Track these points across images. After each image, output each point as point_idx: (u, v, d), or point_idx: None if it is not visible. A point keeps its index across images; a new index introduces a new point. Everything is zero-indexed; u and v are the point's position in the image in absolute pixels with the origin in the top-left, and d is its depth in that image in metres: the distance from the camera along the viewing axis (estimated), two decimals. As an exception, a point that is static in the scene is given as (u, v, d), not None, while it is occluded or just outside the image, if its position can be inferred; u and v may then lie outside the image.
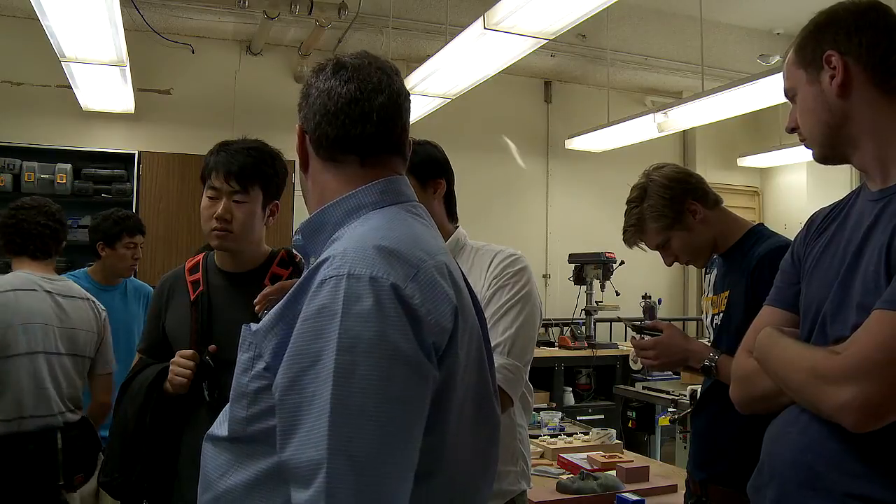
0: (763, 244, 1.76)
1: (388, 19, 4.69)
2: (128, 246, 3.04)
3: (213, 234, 1.71)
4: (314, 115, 1.04)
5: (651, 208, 1.86)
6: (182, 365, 1.66)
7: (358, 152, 1.03)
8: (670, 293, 6.64)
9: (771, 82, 3.67)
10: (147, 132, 5.17)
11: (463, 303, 0.96)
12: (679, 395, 3.72)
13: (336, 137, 1.03)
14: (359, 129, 1.02)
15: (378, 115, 1.02)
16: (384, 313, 0.84)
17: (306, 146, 1.07)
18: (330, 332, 0.83)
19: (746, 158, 6.19)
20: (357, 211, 1.01)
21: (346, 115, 1.02)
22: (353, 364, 0.81)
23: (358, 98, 1.02)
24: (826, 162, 1.23)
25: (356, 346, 0.82)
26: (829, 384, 1.01)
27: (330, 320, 0.83)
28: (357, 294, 0.84)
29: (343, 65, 1.05)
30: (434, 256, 0.95)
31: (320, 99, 1.04)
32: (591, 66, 5.92)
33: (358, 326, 0.83)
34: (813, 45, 1.18)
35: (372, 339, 0.82)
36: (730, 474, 1.76)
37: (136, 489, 1.70)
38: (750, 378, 1.22)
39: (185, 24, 5.09)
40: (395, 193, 1.04)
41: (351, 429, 0.80)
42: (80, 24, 3.17)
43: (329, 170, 1.05)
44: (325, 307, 0.85)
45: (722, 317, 1.84)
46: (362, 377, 0.81)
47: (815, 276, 1.19)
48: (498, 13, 3.08)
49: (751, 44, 5.95)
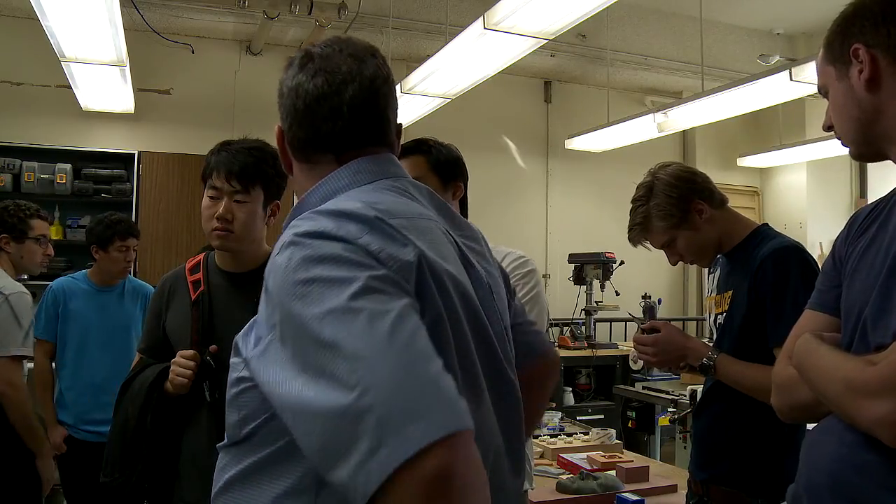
0: (767, 244, 1.75)
1: (388, 19, 4.70)
2: (120, 249, 3.04)
3: (214, 234, 1.71)
4: (286, 115, 0.98)
5: (657, 207, 1.86)
6: (183, 365, 1.66)
7: (332, 150, 0.96)
8: (670, 293, 6.64)
9: (771, 82, 3.67)
10: (147, 132, 5.17)
11: (444, 253, 0.88)
12: (679, 395, 3.72)
13: (307, 139, 0.96)
14: (330, 127, 0.95)
15: (350, 109, 0.94)
16: (336, 253, 0.77)
17: (285, 148, 1.01)
18: (284, 294, 0.76)
19: (746, 158, 6.19)
20: (331, 197, 0.93)
21: (315, 113, 0.95)
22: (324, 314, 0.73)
23: (326, 93, 0.94)
24: (863, 160, 1.18)
25: (311, 292, 0.74)
26: (865, 397, 0.96)
27: (283, 283, 0.77)
28: (308, 245, 0.78)
29: (310, 56, 0.97)
30: (395, 216, 0.86)
31: (289, 98, 0.97)
32: (591, 66, 5.93)
33: (314, 269, 0.76)
34: (840, 40, 1.12)
35: (329, 274, 0.75)
36: (731, 474, 1.77)
37: (136, 489, 1.70)
38: (791, 386, 1.17)
39: (185, 24, 5.09)
40: (372, 172, 0.96)
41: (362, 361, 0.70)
42: (80, 24, 3.18)
43: (305, 171, 0.99)
44: (276, 273, 0.79)
45: (725, 316, 1.84)
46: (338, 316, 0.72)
47: (856, 279, 1.13)
48: (498, 13, 3.09)
49: (751, 44, 5.96)
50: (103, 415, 2.88)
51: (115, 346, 3.02)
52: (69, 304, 3.05)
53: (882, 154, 1.14)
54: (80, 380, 3.02)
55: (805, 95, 4.18)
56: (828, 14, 1.21)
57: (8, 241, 2.74)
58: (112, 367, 2.96)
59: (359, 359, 0.69)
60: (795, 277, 1.66)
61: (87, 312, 3.05)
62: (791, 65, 3.75)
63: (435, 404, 0.67)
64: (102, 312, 3.07)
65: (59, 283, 3.12)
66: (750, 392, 1.70)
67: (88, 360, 3.02)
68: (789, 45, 6.18)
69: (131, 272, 3.32)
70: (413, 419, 0.65)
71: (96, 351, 3.02)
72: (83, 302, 3.06)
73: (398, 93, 4.31)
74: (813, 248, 6.18)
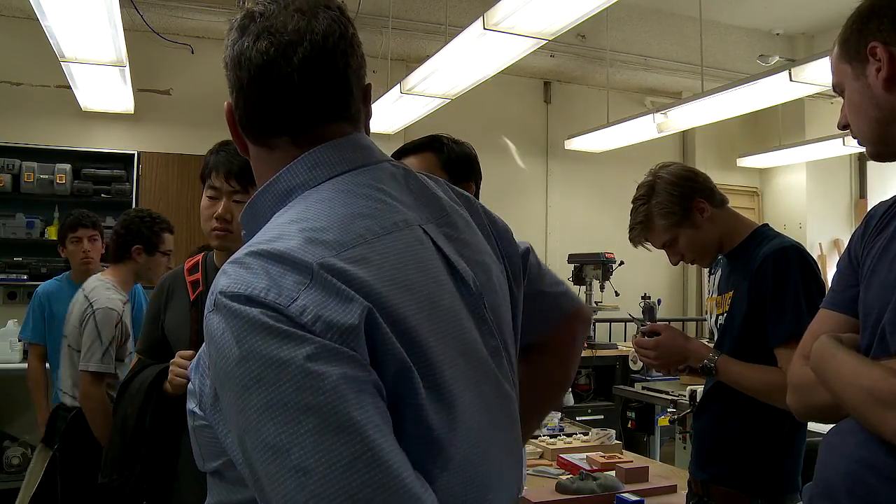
0: (767, 245, 1.75)
1: (387, 19, 4.70)
2: (72, 241, 3.07)
3: (214, 234, 1.71)
4: (231, 89, 0.83)
5: (659, 205, 1.85)
6: (182, 365, 1.66)
7: (287, 131, 0.82)
8: (670, 293, 6.64)
9: (771, 82, 3.68)
10: (146, 132, 5.16)
11: (411, 280, 0.76)
12: (679, 395, 3.71)
13: (256, 118, 0.82)
14: (279, 101, 0.80)
15: (301, 76, 0.78)
16: (266, 325, 0.66)
17: (237, 128, 0.86)
18: (223, 376, 0.68)
19: (746, 159, 6.19)
20: (287, 197, 0.81)
21: (261, 85, 0.79)
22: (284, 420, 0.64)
23: (271, 59, 0.78)
24: (881, 159, 1.15)
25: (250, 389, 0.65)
26: (887, 408, 0.94)
27: (219, 360, 0.69)
28: (236, 314, 0.68)
29: (252, 16, 0.81)
30: (346, 246, 0.73)
31: (233, 69, 0.82)
32: (591, 67, 5.93)
33: (246, 343, 0.66)
34: (857, 38, 1.10)
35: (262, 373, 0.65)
36: (732, 475, 1.77)
37: (135, 490, 1.70)
38: (808, 388, 1.14)
39: (184, 25, 5.08)
40: (331, 164, 0.81)
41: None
42: (79, 25, 3.18)
43: (262, 157, 0.85)
44: (210, 341, 0.71)
45: (725, 317, 1.84)
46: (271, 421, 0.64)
47: (875, 280, 1.10)
48: (497, 13, 3.08)
49: (750, 44, 5.96)
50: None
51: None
52: (53, 307, 3.08)
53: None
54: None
55: (804, 96, 4.18)
56: (827, 14, 1.21)
57: (140, 251, 2.77)
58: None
59: (307, 473, 0.62)
60: (795, 277, 1.66)
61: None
62: (791, 65, 3.75)
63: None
64: None
65: (44, 286, 3.15)
66: (750, 393, 1.70)
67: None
68: (789, 46, 6.18)
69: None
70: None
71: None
72: (66, 303, 3.01)
73: (398, 93, 4.33)
74: (812, 249, 6.19)
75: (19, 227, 4.71)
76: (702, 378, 1.91)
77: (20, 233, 4.71)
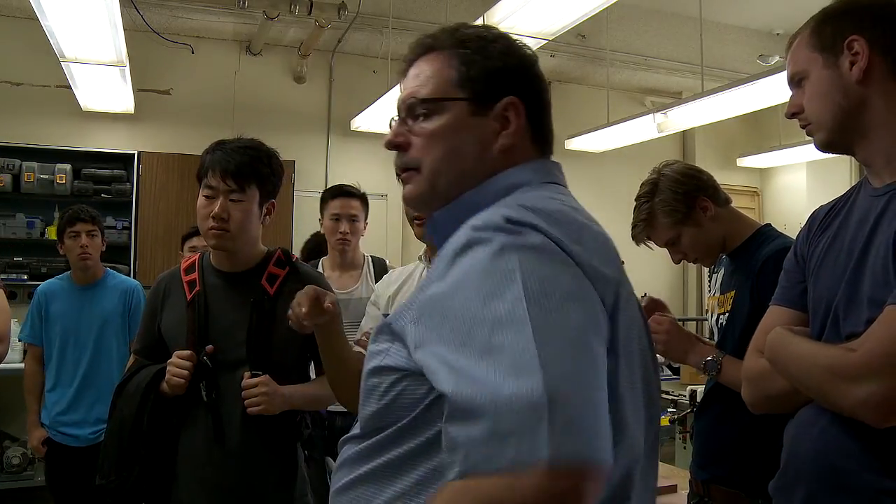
0: (769, 245, 1.75)
1: (387, 19, 4.69)
2: (70, 236, 3.03)
3: (211, 234, 1.70)
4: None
5: (662, 203, 1.85)
6: (179, 366, 1.65)
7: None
8: (670, 293, 6.64)
9: (770, 82, 3.67)
10: (147, 132, 5.16)
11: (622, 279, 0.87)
12: (679, 395, 3.71)
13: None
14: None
15: None
16: (553, 258, 0.76)
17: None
18: (504, 291, 0.73)
19: (746, 158, 6.19)
20: (509, 190, 0.91)
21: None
22: (544, 311, 0.71)
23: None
24: (828, 149, 1.21)
25: (538, 296, 0.72)
26: (848, 382, 1.00)
27: (502, 279, 0.74)
28: (519, 244, 0.76)
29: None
30: (595, 227, 0.88)
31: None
32: (591, 67, 5.92)
33: (531, 275, 0.73)
34: (832, 29, 1.15)
35: (547, 286, 0.73)
36: (732, 475, 1.76)
37: (133, 491, 1.69)
38: (763, 378, 1.21)
39: (184, 25, 5.08)
40: (547, 173, 0.98)
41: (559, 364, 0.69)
42: (80, 25, 3.17)
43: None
44: (483, 264, 0.76)
45: (727, 317, 1.83)
46: (556, 325, 0.71)
47: (822, 274, 1.18)
48: (498, 13, 3.08)
49: (750, 44, 5.95)
50: (78, 417, 2.95)
51: (92, 346, 3.00)
52: (51, 307, 3.04)
53: (849, 147, 1.18)
54: (60, 381, 3.00)
55: (805, 95, 4.16)
56: (827, 14, 1.22)
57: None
58: (89, 367, 2.97)
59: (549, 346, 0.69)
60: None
61: (67, 312, 3.03)
62: (791, 65, 3.74)
63: (603, 429, 0.69)
64: (80, 311, 3.04)
65: (44, 286, 3.12)
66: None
67: (68, 361, 3.00)
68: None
69: (132, 272, 3.30)
70: (582, 432, 0.66)
71: (75, 351, 3.00)
72: (64, 302, 3.04)
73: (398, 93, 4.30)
74: (813, 249, 6.18)
75: (19, 227, 4.71)
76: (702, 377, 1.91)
77: (20, 233, 4.71)
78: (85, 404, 2.97)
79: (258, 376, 1.66)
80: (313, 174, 5.55)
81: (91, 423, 2.92)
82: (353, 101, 5.24)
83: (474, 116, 0.94)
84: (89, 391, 2.97)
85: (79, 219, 3.02)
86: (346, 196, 2.93)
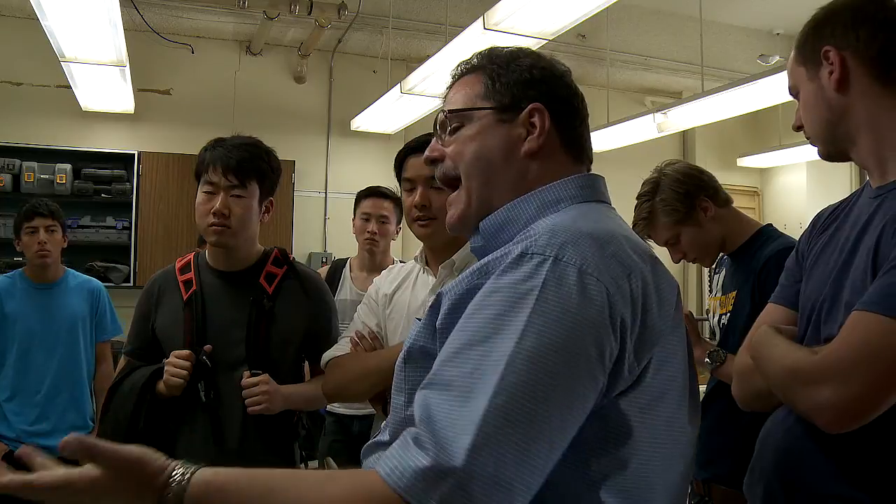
0: (770, 245, 1.76)
1: (387, 19, 4.69)
2: (27, 232, 2.81)
3: (211, 230, 1.69)
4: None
5: (663, 202, 1.86)
6: (178, 366, 1.64)
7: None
8: (670, 293, 6.63)
9: (771, 82, 3.67)
10: (147, 132, 5.16)
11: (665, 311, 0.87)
12: (679, 395, 3.71)
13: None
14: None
15: None
16: (583, 315, 0.76)
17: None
18: (519, 310, 0.76)
19: (746, 158, 6.18)
20: (555, 204, 0.94)
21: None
22: (533, 354, 0.74)
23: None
24: (830, 159, 1.22)
25: (542, 335, 0.74)
26: (805, 384, 1.01)
27: (523, 297, 0.76)
28: (560, 280, 0.77)
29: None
30: (644, 259, 0.86)
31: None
32: (591, 67, 5.91)
33: (551, 315, 0.75)
34: (812, 42, 1.17)
35: (561, 337, 0.75)
36: (732, 474, 1.76)
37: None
38: (747, 375, 1.22)
39: (184, 24, 5.08)
40: (594, 190, 0.99)
41: (501, 426, 0.71)
42: (79, 24, 3.17)
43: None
44: (521, 283, 0.78)
45: (729, 317, 1.84)
46: (535, 372, 0.73)
47: (814, 275, 1.18)
48: (497, 13, 3.08)
49: (751, 44, 5.95)
50: (49, 426, 2.73)
51: (62, 350, 2.81)
52: (6, 306, 2.78)
53: (846, 154, 1.18)
54: (23, 389, 2.76)
55: (805, 95, 4.16)
56: (827, 14, 1.22)
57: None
58: (58, 372, 2.78)
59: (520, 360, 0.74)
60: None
61: (27, 313, 2.79)
62: (791, 65, 3.74)
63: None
64: (44, 313, 2.82)
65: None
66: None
67: (33, 366, 2.77)
68: (789, 46, 6.08)
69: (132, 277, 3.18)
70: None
71: (41, 356, 2.78)
72: (21, 302, 2.81)
73: (398, 93, 4.32)
74: (813, 249, 6.17)
75: (19, 228, 4.70)
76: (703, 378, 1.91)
77: (20, 233, 4.70)
78: (56, 412, 2.79)
79: (258, 375, 1.66)
80: (313, 174, 5.55)
81: (64, 430, 2.59)
82: (353, 101, 5.24)
83: (501, 123, 0.97)
84: (60, 397, 2.80)
85: (36, 213, 2.80)
86: (378, 196, 2.94)
